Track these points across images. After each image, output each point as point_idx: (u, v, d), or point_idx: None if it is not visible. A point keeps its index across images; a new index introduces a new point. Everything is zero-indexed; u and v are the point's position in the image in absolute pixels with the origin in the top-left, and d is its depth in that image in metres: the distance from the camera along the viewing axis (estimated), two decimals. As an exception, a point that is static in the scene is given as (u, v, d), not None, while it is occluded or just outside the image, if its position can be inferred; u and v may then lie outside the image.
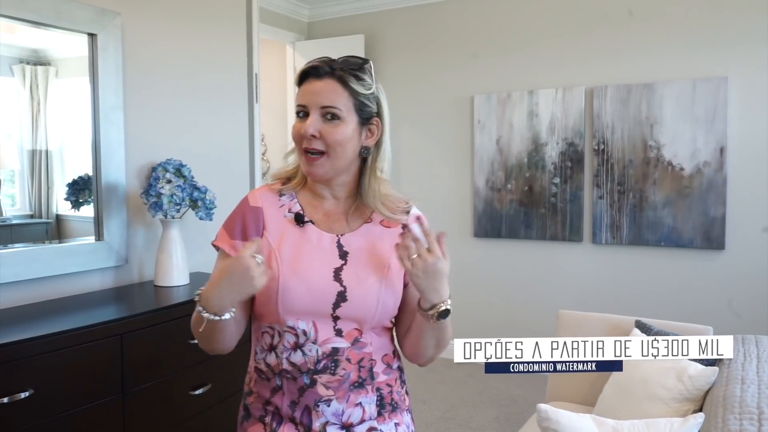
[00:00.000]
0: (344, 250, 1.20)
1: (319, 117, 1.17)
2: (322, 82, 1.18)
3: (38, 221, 2.31)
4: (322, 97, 1.17)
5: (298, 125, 1.19)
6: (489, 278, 4.18)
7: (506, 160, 4.05)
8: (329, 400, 1.17)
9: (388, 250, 1.21)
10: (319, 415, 1.17)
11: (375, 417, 1.21)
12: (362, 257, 1.20)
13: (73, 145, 2.42)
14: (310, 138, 1.16)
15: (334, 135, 1.16)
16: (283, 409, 1.20)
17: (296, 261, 1.18)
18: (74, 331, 1.83)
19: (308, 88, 1.19)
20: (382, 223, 1.25)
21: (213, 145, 2.94)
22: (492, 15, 4.07)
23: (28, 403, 1.68)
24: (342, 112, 1.17)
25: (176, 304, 2.22)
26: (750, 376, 1.80)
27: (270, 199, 1.25)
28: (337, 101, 1.17)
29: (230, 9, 3.07)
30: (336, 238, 1.21)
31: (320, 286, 1.16)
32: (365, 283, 1.17)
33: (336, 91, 1.17)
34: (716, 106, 3.43)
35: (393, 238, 1.22)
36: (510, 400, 3.54)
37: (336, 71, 1.18)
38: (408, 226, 1.15)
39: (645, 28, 3.62)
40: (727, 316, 3.44)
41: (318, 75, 1.18)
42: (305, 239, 1.20)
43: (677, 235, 3.57)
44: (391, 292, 1.19)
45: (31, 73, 2.23)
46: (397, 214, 1.24)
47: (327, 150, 1.17)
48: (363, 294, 1.17)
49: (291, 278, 1.16)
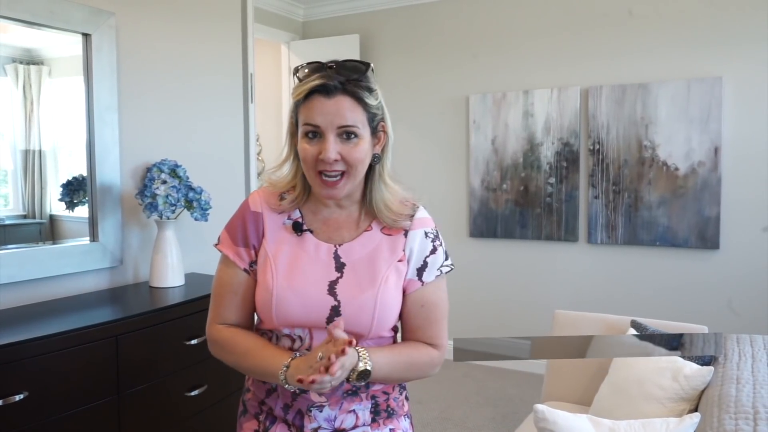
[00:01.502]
0: (341, 261, 1.18)
1: (336, 138, 1.11)
2: (333, 100, 1.10)
3: (31, 221, 2.30)
4: (339, 117, 1.10)
5: (310, 148, 1.12)
6: (485, 278, 4.18)
7: (502, 160, 4.05)
8: (321, 407, 1.17)
9: (387, 259, 1.18)
10: (311, 419, 1.17)
11: (369, 423, 1.20)
12: (359, 269, 1.17)
13: (66, 145, 2.41)
14: (332, 163, 1.10)
15: (356, 154, 1.12)
16: (276, 410, 1.21)
17: (291, 272, 1.16)
18: (69, 333, 1.82)
19: (319, 108, 1.10)
20: (383, 230, 1.21)
21: (208, 145, 2.93)
22: (487, 15, 4.07)
23: (22, 406, 1.67)
24: (359, 129, 1.12)
25: (172, 305, 2.21)
26: (745, 376, 1.81)
27: (271, 203, 1.23)
28: (354, 119, 1.11)
29: (225, 9, 3.06)
30: (333, 249, 1.19)
31: (314, 299, 1.14)
32: (360, 297, 1.14)
33: (351, 108, 1.11)
34: (711, 106, 3.45)
35: (393, 246, 1.20)
36: (506, 400, 3.55)
37: (347, 87, 1.10)
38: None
39: (640, 29, 3.63)
40: (722, 315, 3.46)
41: (327, 92, 1.10)
42: (302, 249, 1.19)
43: (672, 234, 3.58)
44: (387, 305, 1.16)
45: (24, 73, 2.22)
46: (400, 221, 1.21)
47: (347, 170, 1.12)
48: (357, 309, 1.14)
49: (286, 290, 1.15)
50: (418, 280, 1.20)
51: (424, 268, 1.21)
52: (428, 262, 1.21)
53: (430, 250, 1.22)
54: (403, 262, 1.20)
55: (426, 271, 1.21)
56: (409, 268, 1.20)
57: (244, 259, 1.21)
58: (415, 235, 1.21)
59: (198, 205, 2.47)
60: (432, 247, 1.22)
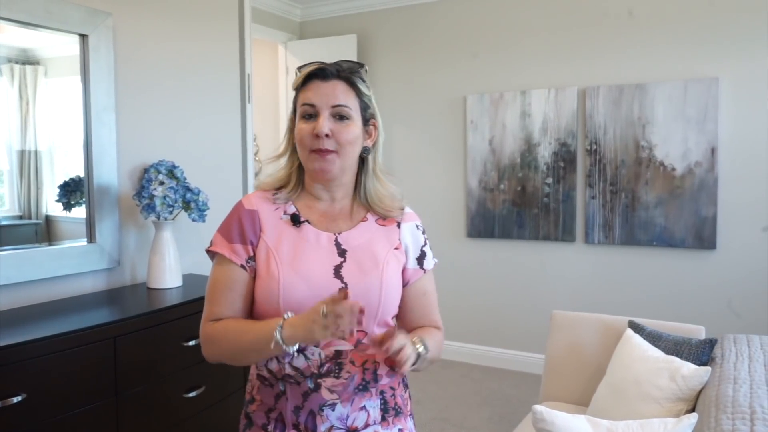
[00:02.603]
0: (342, 248, 1.21)
1: (330, 116, 1.18)
2: (329, 83, 1.19)
3: (27, 222, 2.29)
4: (333, 97, 1.18)
5: (306, 126, 1.19)
6: (482, 278, 4.19)
7: (499, 160, 4.05)
8: (334, 404, 1.17)
9: (385, 247, 1.24)
10: (323, 419, 1.17)
11: (379, 422, 1.21)
12: (360, 254, 1.21)
13: (62, 146, 2.40)
14: (324, 138, 1.16)
15: (346, 134, 1.19)
16: (287, 414, 1.19)
17: (296, 259, 1.18)
18: (67, 335, 1.82)
19: (316, 89, 1.19)
20: (377, 221, 1.27)
21: (205, 146, 2.92)
22: (484, 15, 4.08)
23: (20, 408, 1.67)
24: (351, 112, 1.20)
25: (169, 306, 2.21)
26: (742, 376, 1.81)
27: (265, 202, 1.25)
28: (347, 100, 1.19)
29: (222, 9, 3.06)
30: (333, 237, 1.22)
31: (321, 283, 1.17)
32: (366, 278, 1.19)
33: (345, 91, 1.19)
34: (707, 106, 3.45)
35: (389, 235, 1.26)
36: (504, 400, 3.55)
37: (342, 72, 1.20)
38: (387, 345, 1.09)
39: (637, 29, 3.63)
40: (719, 315, 3.47)
41: (324, 76, 1.19)
42: (303, 239, 1.21)
43: (669, 234, 3.59)
44: (391, 287, 1.22)
45: (20, 73, 2.21)
46: (392, 213, 1.28)
47: (338, 149, 1.18)
48: (365, 289, 1.18)
49: (292, 276, 1.16)
50: (420, 268, 1.29)
51: (423, 257, 1.30)
52: (425, 251, 1.31)
53: (424, 240, 1.32)
54: (400, 250, 1.26)
55: (426, 260, 1.30)
56: (408, 258, 1.28)
57: (241, 255, 1.20)
58: (408, 227, 1.30)
59: (195, 206, 2.47)
60: (424, 239, 1.32)
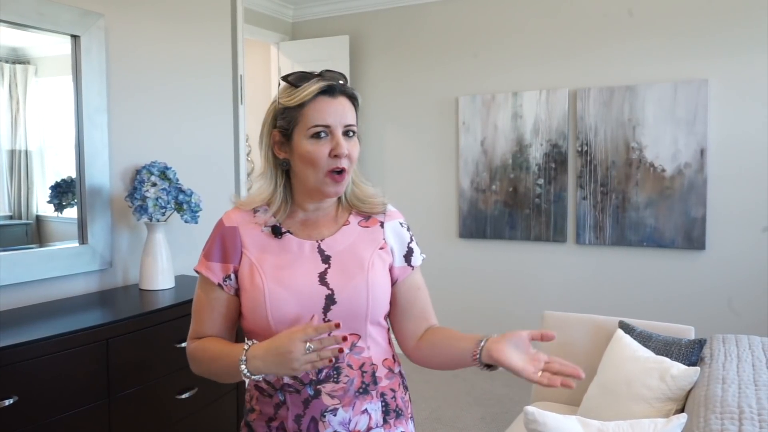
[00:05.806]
0: (326, 254, 1.21)
1: (342, 135, 1.18)
2: (338, 101, 1.18)
3: (18, 222, 2.28)
4: (344, 117, 1.18)
5: (320, 148, 1.16)
6: (474, 279, 4.20)
7: (491, 161, 4.07)
8: (335, 410, 1.17)
9: (369, 249, 1.23)
10: (326, 425, 1.16)
11: (381, 424, 1.21)
12: (345, 259, 1.21)
13: (53, 146, 2.39)
14: (343, 158, 1.17)
15: (355, 151, 1.20)
16: (288, 423, 1.19)
17: (280, 271, 1.18)
18: (58, 337, 1.81)
19: (328, 108, 1.17)
20: (360, 224, 1.27)
21: (198, 147, 2.92)
22: (477, 17, 4.09)
23: (12, 411, 1.66)
24: (356, 128, 1.21)
25: (162, 308, 2.21)
26: (731, 376, 1.84)
27: (245, 217, 1.25)
28: (354, 119, 1.20)
29: (215, 10, 3.05)
30: (316, 244, 1.22)
31: (307, 291, 1.17)
32: (352, 282, 1.18)
33: (350, 108, 1.20)
34: (697, 108, 3.49)
35: (372, 236, 1.25)
36: (495, 400, 3.57)
37: (345, 89, 1.20)
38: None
39: (627, 32, 3.66)
40: (709, 315, 3.50)
41: (332, 93, 1.18)
42: (286, 250, 1.21)
43: (659, 235, 3.62)
44: (378, 288, 1.21)
45: (10, 72, 2.20)
46: (375, 211, 1.28)
47: (348, 167, 1.19)
48: (352, 293, 1.17)
49: (277, 288, 1.16)
50: (408, 265, 1.28)
51: (411, 254, 1.29)
52: (412, 248, 1.29)
53: (410, 237, 1.30)
54: (385, 250, 1.26)
55: (413, 257, 1.29)
56: (395, 257, 1.27)
57: (217, 274, 1.22)
58: (391, 225, 1.29)
59: (188, 208, 2.46)
60: (410, 235, 1.31)
